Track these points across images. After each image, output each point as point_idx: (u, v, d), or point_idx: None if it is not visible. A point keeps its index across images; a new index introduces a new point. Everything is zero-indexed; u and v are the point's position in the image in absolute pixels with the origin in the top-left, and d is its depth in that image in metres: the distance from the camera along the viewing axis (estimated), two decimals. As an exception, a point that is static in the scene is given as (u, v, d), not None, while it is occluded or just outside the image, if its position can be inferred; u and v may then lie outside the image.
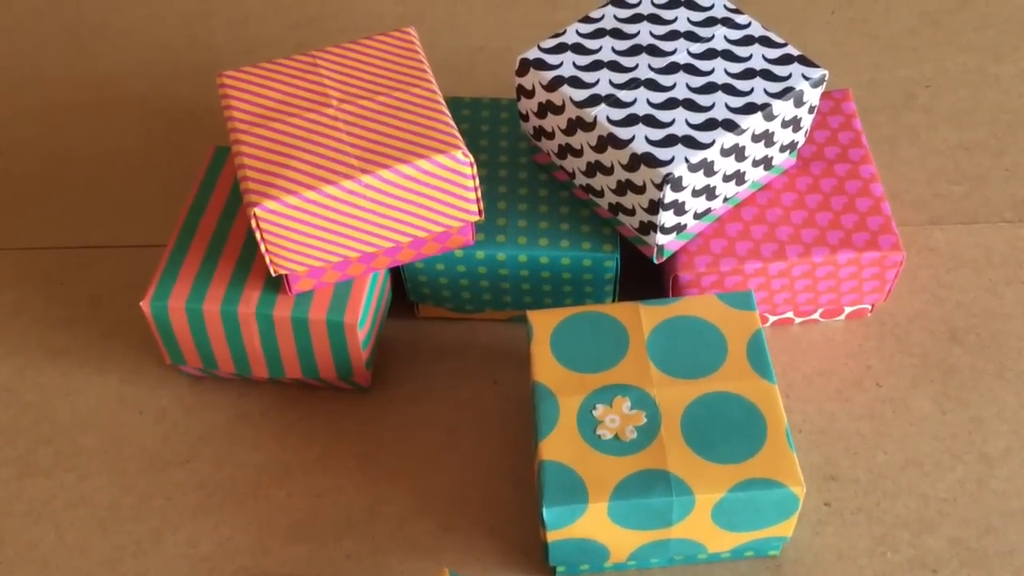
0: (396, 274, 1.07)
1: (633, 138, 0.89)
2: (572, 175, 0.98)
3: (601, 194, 0.96)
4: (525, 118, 1.00)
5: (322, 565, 0.93)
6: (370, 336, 0.98)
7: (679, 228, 0.93)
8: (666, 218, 0.90)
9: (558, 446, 0.85)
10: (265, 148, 0.90)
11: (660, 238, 0.93)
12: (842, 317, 1.06)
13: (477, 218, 0.95)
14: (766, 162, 0.96)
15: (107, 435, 1.02)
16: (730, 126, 0.89)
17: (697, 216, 0.94)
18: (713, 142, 0.88)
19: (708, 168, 0.89)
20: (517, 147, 1.07)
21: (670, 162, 0.87)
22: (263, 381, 1.03)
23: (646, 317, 0.92)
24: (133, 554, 0.95)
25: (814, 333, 1.06)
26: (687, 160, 0.87)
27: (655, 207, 0.89)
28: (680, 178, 0.87)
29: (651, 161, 0.87)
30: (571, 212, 1.02)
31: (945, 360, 1.03)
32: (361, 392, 1.04)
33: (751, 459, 0.84)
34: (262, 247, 0.89)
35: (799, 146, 1.00)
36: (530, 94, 0.96)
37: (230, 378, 1.04)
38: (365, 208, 0.89)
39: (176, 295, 0.96)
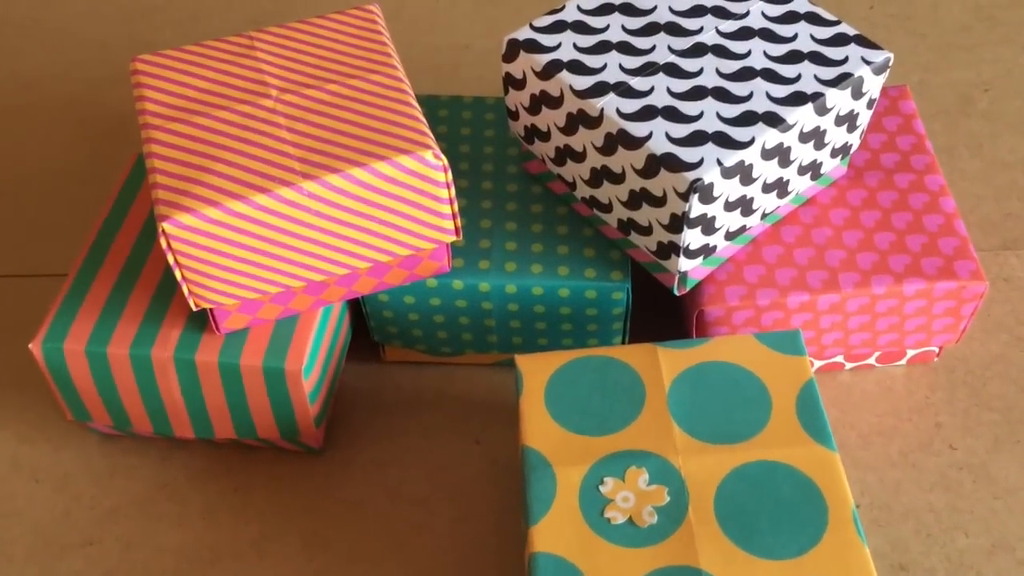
0: (356, 308, 0.88)
1: (650, 135, 0.70)
2: (572, 185, 0.79)
3: (609, 208, 0.76)
4: (515, 116, 0.81)
5: None
6: (320, 385, 0.79)
7: (707, 251, 0.74)
8: (691, 238, 0.71)
9: (555, 534, 0.65)
10: (183, 148, 0.71)
11: (683, 263, 0.74)
12: (903, 362, 0.87)
13: (453, 238, 0.75)
14: (814, 169, 0.77)
15: (-6, 509, 0.82)
16: (773, 120, 0.71)
17: (729, 236, 0.75)
18: (752, 140, 0.69)
19: (745, 174, 0.70)
20: (505, 154, 0.88)
21: (698, 165, 0.68)
22: (190, 441, 0.84)
23: (666, 363, 0.73)
24: (13, 665, 0.75)
25: (868, 382, 0.87)
26: (720, 163, 0.68)
27: (678, 224, 0.70)
28: (710, 186, 0.68)
29: (674, 164, 0.68)
30: (571, 232, 0.82)
31: (1032, 415, 0.84)
32: (311, 455, 0.84)
33: (809, 553, 0.64)
34: (177, 274, 0.70)
35: (852, 151, 0.81)
36: (520, 84, 0.77)
37: (150, 436, 0.85)
38: (310, 224, 0.70)
39: (75, 336, 0.76)
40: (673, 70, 0.74)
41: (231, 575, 0.78)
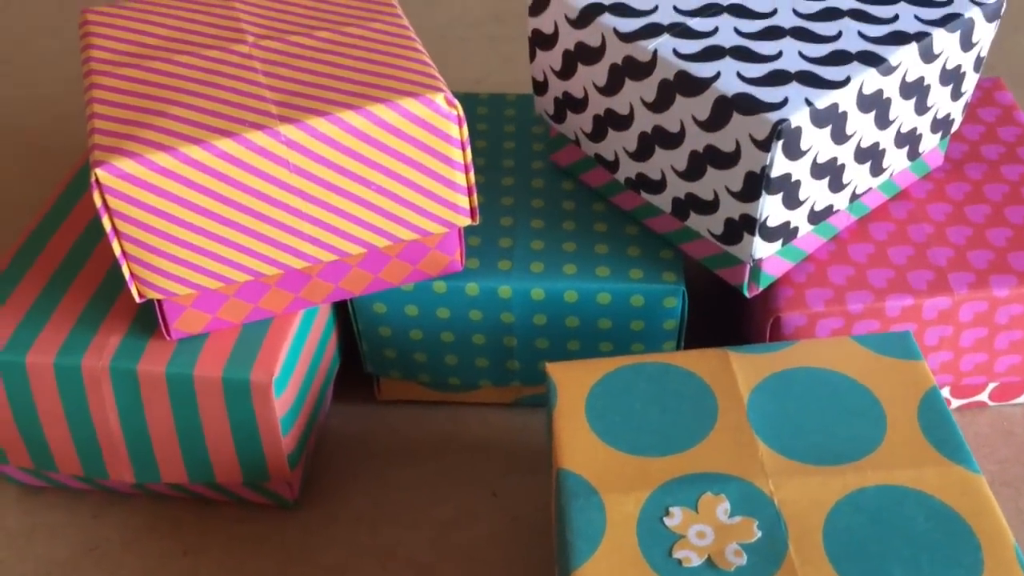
0: (346, 328, 0.72)
1: (718, 75, 0.56)
2: (614, 165, 0.64)
3: (661, 186, 0.62)
4: (542, 87, 0.67)
5: None
6: (297, 411, 0.62)
7: (787, 233, 0.59)
8: (771, 208, 0.56)
9: (607, 579, 0.48)
10: (133, 93, 0.57)
11: (758, 246, 0.58)
12: (1021, 400, 0.70)
13: (468, 221, 0.60)
14: (912, 143, 0.63)
15: None
16: (871, 59, 0.56)
17: (813, 218, 0.60)
18: (847, 80, 0.55)
19: (838, 126, 0.56)
20: (528, 150, 0.73)
21: (782, 105, 0.54)
22: (128, 491, 0.66)
23: (743, 370, 0.56)
24: None
25: (981, 424, 0.70)
26: (809, 103, 0.54)
27: (754, 187, 0.55)
28: (797, 132, 0.54)
29: (750, 105, 0.54)
30: (611, 230, 0.67)
31: None
32: (284, 511, 0.67)
33: (963, 602, 0.46)
34: (116, 247, 0.55)
35: (953, 128, 0.67)
36: (550, 41, 0.64)
37: (80, 487, 0.67)
38: (287, 185, 0.55)
39: (-14, 341, 0.60)
40: (740, 11, 0.60)
41: (171, 660, 0.60)
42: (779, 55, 0.57)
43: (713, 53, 0.57)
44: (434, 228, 0.60)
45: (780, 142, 0.53)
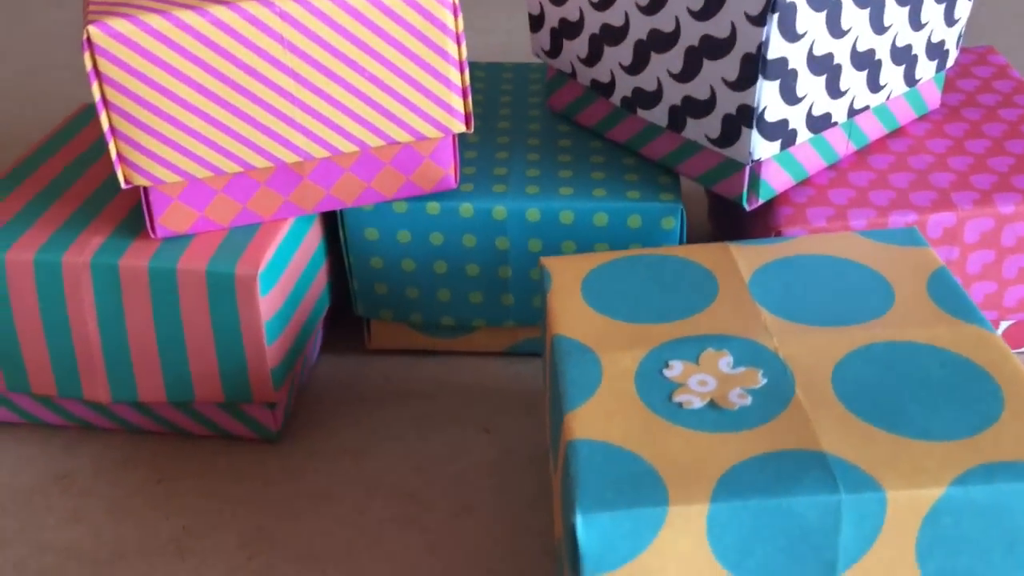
0: (336, 278, 0.70)
1: (711, -37, 0.56)
2: (610, 87, 0.64)
3: (658, 97, 0.61)
4: (538, 21, 0.67)
5: None
6: (284, 323, 0.60)
7: (786, 134, 0.58)
8: (769, 96, 0.56)
9: (602, 419, 0.44)
10: (129, -13, 0.58)
11: (757, 143, 0.57)
12: (1035, 345, 0.68)
13: (462, 127, 0.60)
14: (909, 63, 0.63)
15: None
16: (863, -47, 0.57)
17: (812, 124, 0.59)
18: (840, -33, 0.56)
19: (834, 13, 0.56)
20: (525, 100, 0.73)
21: (776, -17, 0.54)
22: (104, 424, 0.63)
23: (743, 258, 0.54)
24: None
25: (994, 370, 0.67)
26: (803, -18, 0.54)
27: (751, 71, 0.55)
28: (793, 7, 0.54)
29: (744, -14, 0.54)
30: (607, 160, 0.67)
31: None
32: (265, 444, 0.63)
33: (986, 432, 0.43)
34: (104, 121, 0.54)
35: (948, 63, 0.67)
36: (546, -33, 0.65)
37: (54, 420, 0.64)
38: (281, 64, 0.55)
39: (-33, 241, 0.59)
40: (732, -75, 0.62)
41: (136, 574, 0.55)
42: (772, -51, 0.58)
43: (706, -51, 0.58)
44: (428, 131, 0.59)
45: (775, 16, 0.53)
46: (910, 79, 0.64)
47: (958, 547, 0.41)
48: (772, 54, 0.55)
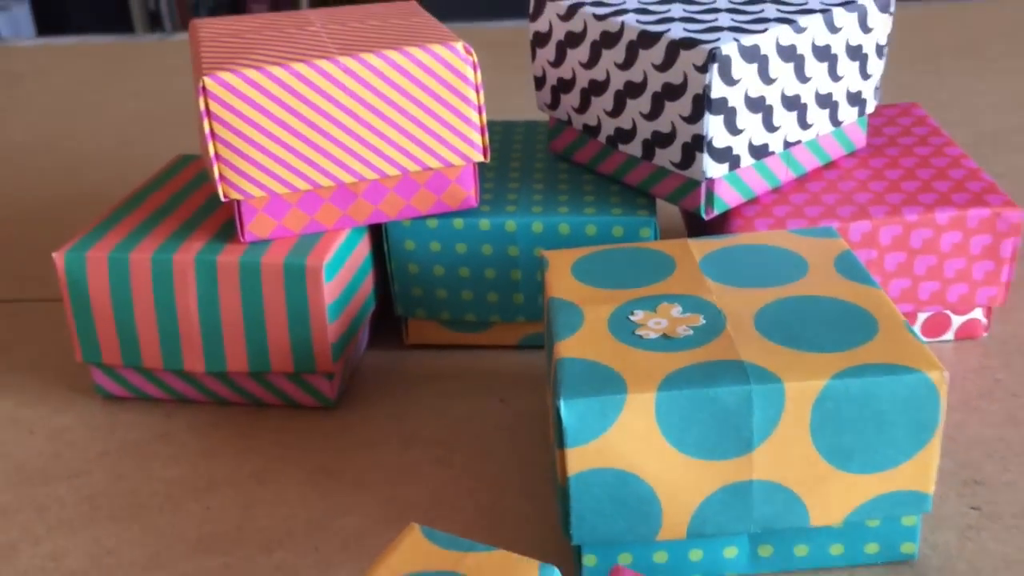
0: (380, 290, 0.86)
1: (668, 30, 0.74)
2: (596, 129, 0.81)
3: (632, 133, 0.78)
4: (541, 82, 0.85)
5: (238, 578, 0.64)
6: (341, 309, 0.76)
7: (731, 158, 0.75)
8: (714, 128, 0.72)
9: (582, 345, 0.60)
10: (231, 44, 0.76)
11: (709, 165, 0.74)
12: (950, 335, 0.82)
13: (480, 157, 0.77)
14: (832, 108, 0.80)
15: (-19, 452, 0.76)
16: (785, 21, 0.75)
17: (754, 151, 0.76)
18: (766, 30, 0.73)
19: (763, 66, 0.73)
20: (533, 148, 0.91)
21: (715, 42, 0.71)
22: (197, 397, 0.79)
23: (696, 247, 0.70)
24: (-31, 566, 0.66)
25: (916, 355, 0.82)
26: (737, 40, 0.72)
27: (699, 108, 0.72)
28: (728, 60, 0.71)
29: (691, 43, 0.71)
30: (597, 188, 0.83)
31: (1098, 372, 0.78)
32: (324, 411, 0.79)
33: (863, 346, 0.58)
34: (210, 148, 0.72)
35: (868, 109, 0.83)
36: (546, 38, 0.83)
37: (156, 394, 0.80)
38: (341, 104, 0.72)
39: (99, 247, 0.75)
40: (688, 0, 0.79)
41: (227, 497, 0.70)
42: (716, 20, 0.75)
43: (666, 20, 0.76)
44: (454, 160, 0.76)
45: (715, 65, 0.71)
46: (834, 121, 0.81)
47: (841, 426, 0.56)
48: (715, 94, 0.72)
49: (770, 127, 0.76)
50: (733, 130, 0.74)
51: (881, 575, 0.61)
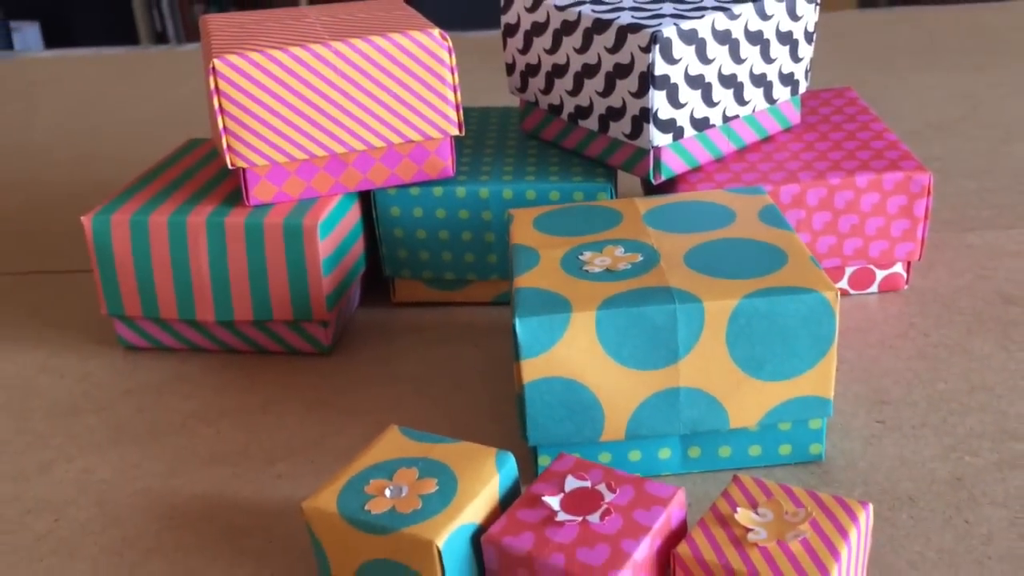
0: (372, 251, 0.97)
1: (618, 17, 0.85)
2: (559, 108, 0.92)
3: (590, 110, 0.89)
4: (511, 68, 0.96)
5: (244, 484, 0.74)
6: (334, 265, 0.86)
7: (675, 129, 0.85)
8: (659, 101, 0.83)
9: (536, 278, 0.71)
10: (237, 35, 0.87)
11: (655, 135, 0.85)
12: (874, 288, 0.93)
13: (456, 131, 0.88)
14: (766, 87, 0.91)
15: (16, 392, 0.87)
16: (721, 9, 0.86)
17: (695, 124, 0.86)
18: (703, 16, 0.84)
19: (700, 48, 0.84)
20: (506, 129, 1.02)
21: (659, 26, 0.82)
22: (209, 346, 0.90)
23: (642, 203, 0.81)
24: (11, 477, 0.76)
25: (846, 305, 0.92)
26: (677, 25, 0.82)
27: (645, 84, 0.83)
28: (668, 41, 0.82)
29: (637, 28, 0.82)
30: (561, 160, 0.94)
31: (1003, 316, 0.88)
32: (321, 358, 0.89)
33: (772, 274, 0.68)
34: (220, 122, 0.82)
35: (801, 89, 0.94)
36: (515, 29, 0.94)
37: (172, 344, 0.90)
38: (334, 84, 0.83)
39: (122, 211, 0.86)
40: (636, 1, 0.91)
41: (235, 423, 0.81)
42: (660, 9, 0.86)
43: (617, 10, 0.87)
44: (432, 132, 0.87)
45: (657, 46, 0.81)
46: (769, 99, 0.92)
47: (752, 339, 0.66)
48: (658, 72, 0.82)
49: (709, 102, 0.87)
50: (676, 104, 0.85)
51: (794, 474, 0.71)
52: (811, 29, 0.92)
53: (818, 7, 0.92)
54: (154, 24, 3.64)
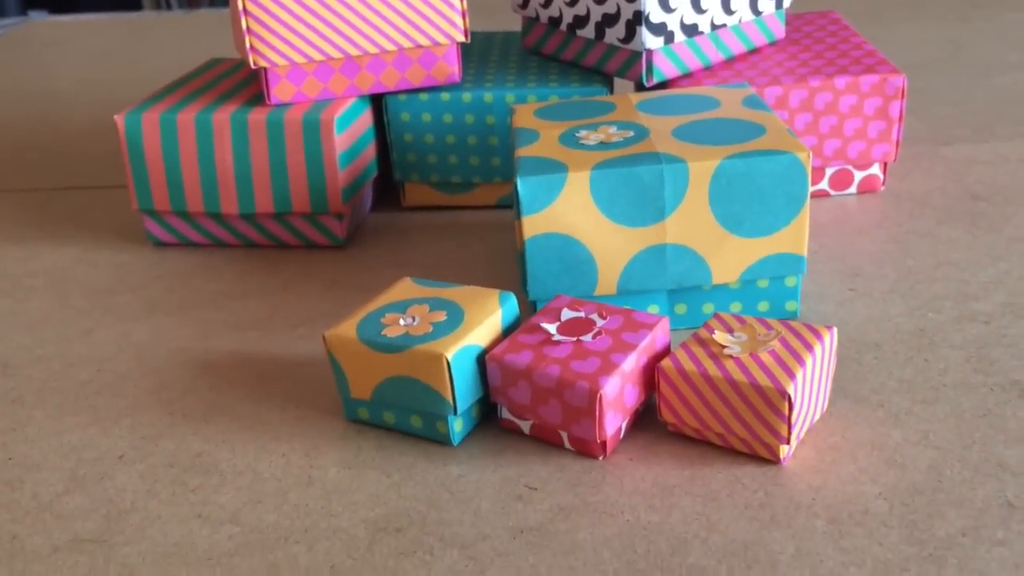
0: (383, 160, 1.03)
1: (613, -72, 0.92)
2: (558, 21, 0.99)
3: (587, 19, 0.96)
4: (515, -16, 1.03)
5: (270, 343, 0.80)
6: (349, 160, 0.93)
7: (666, 33, 0.92)
8: (650, 5, 0.90)
9: (536, 151, 0.77)
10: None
11: (647, 37, 0.91)
12: (853, 189, 0.99)
13: (462, 38, 0.94)
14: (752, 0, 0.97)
15: (55, 278, 0.93)
16: (707, -80, 0.93)
17: (685, 29, 0.93)
18: (691, -75, 0.91)
19: (689, -46, 0.91)
20: (509, 48, 1.09)
21: (649, -66, 0.89)
22: (233, 241, 0.96)
23: (635, 97, 0.88)
24: (55, 341, 0.82)
25: (826, 203, 0.98)
26: (666, -68, 0.89)
27: (638, -12, 0.90)
28: (660, -53, 0.89)
29: (631, -64, 0.90)
30: (560, 70, 1.01)
31: (971, 209, 0.95)
32: (336, 250, 0.96)
33: (748, 142, 0.75)
34: (243, 24, 0.89)
35: (784, 3, 1.01)
36: (518, -56, 1.01)
37: (198, 239, 0.97)
38: (350, -11, 0.91)
39: (153, 110, 0.93)
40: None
41: (259, 299, 0.87)
42: (651, -78, 0.93)
43: (611, -77, 0.94)
44: (440, 38, 0.94)
45: (648, -48, 0.88)
46: (755, 10, 0.98)
47: (731, 198, 0.73)
48: (649, -24, 0.89)
49: (698, 9, 0.94)
50: (666, 8, 0.91)
51: (772, 329, 0.78)
52: (793, -54, 0.99)
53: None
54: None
